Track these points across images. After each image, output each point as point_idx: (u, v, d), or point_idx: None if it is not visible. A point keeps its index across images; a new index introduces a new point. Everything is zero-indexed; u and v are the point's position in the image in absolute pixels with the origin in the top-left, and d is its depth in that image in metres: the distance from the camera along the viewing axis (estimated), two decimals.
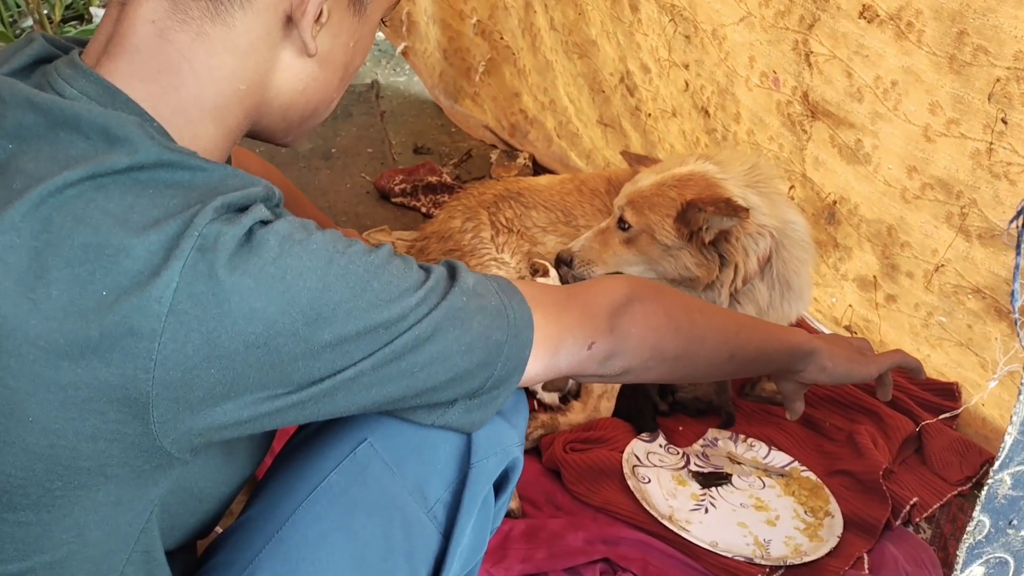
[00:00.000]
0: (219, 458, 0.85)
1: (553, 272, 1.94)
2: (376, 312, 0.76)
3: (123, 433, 0.71)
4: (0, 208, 0.69)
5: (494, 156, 2.94)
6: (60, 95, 0.76)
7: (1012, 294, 0.58)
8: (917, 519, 1.66)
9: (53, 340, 0.68)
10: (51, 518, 0.73)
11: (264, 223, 0.74)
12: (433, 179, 2.71)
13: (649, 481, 1.67)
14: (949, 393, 1.89)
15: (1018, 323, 0.60)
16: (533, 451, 1.77)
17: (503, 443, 0.97)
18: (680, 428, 1.84)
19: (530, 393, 1.85)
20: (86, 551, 0.76)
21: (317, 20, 0.82)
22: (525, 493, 1.66)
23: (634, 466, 1.69)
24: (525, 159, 2.87)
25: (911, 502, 1.64)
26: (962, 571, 0.68)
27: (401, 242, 2.38)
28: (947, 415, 1.87)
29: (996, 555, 0.69)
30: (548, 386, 1.82)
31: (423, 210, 2.63)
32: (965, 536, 0.68)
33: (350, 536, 0.90)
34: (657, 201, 1.72)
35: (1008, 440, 0.63)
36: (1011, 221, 0.59)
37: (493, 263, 1.93)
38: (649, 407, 1.87)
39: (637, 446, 1.75)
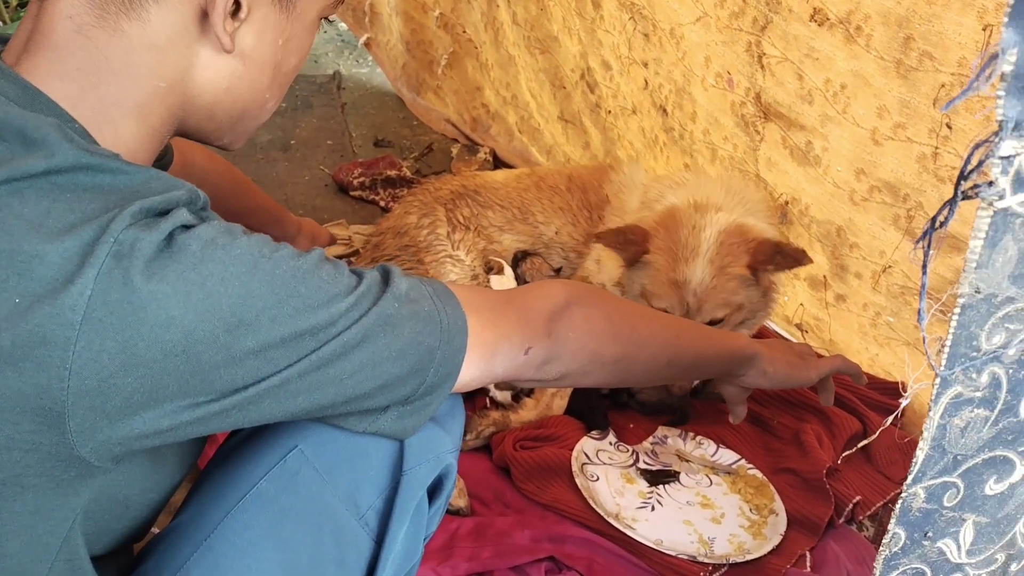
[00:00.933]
0: (145, 466, 0.84)
1: (508, 270, 1.94)
2: (302, 318, 0.76)
3: (39, 443, 0.70)
4: None
5: (455, 150, 2.93)
6: None
7: (919, 312, 0.59)
8: (861, 517, 1.69)
9: None
10: None
11: (186, 227, 0.73)
12: (392, 173, 2.70)
13: (597, 479, 1.68)
14: (895, 392, 1.92)
15: (925, 341, 0.61)
16: (484, 448, 1.78)
17: (436, 449, 0.97)
18: (631, 426, 1.85)
19: (482, 391, 1.86)
20: (5, 560, 0.75)
21: (235, 16, 0.81)
22: (474, 491, 1.67)
23: (583, 464, 1.70)
24: (486, 154, 2.87)
25: (854, 500, 1.66)
26: None
27: (358, 236, 2.37)
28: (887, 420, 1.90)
29: (913, 566, 0.71)
30: (500, 384, 1.82)
31: (382, 204, 2.62)
32: (881, 548, 0.69)
33: (279, 544, 0.90)
34: (727, 286, 1.70)
35: (920, 455, 0.65)
36: (917, 242, 0.60)
37: (448, 260, 1.93)
38: (601, 405, 1.88)
39: (587, 444, 1.76)
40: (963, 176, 0.54)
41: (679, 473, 1.72)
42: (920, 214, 1.74)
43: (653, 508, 1.63)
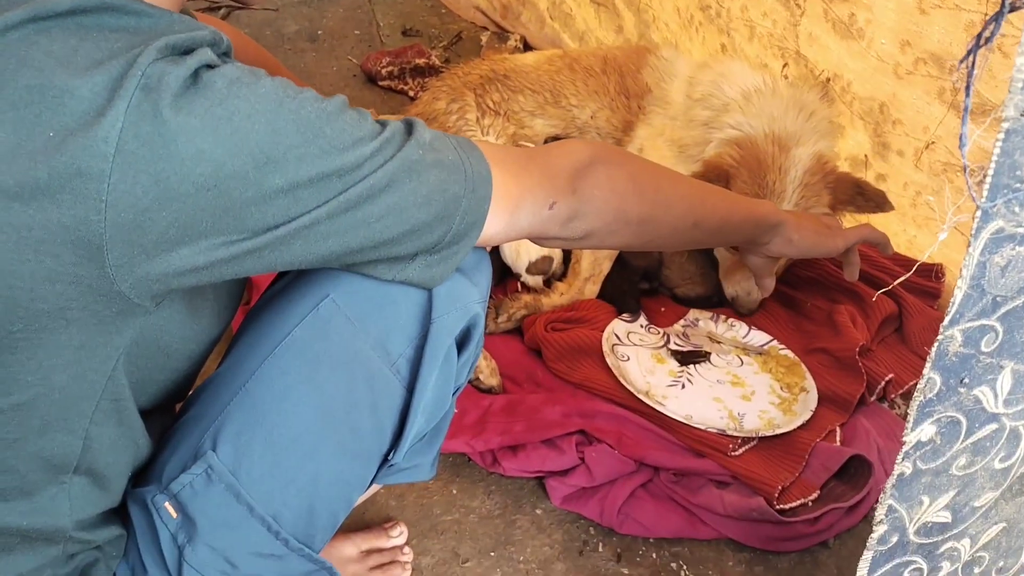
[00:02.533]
0: (184, 312, 0.85)
1: None
2: (329, 159, 0.76)
3: (80, 276, 0.71)
4: None
5: (484, 38, 2.86)
6: None
7: (960, 138, 0.57)
8: (892, 395, 1.69)
9: (2, 182, 0.67)
10: (14, 359, 0.74)
11: (210, 67, 0.73)
12: (421, 62, 2.65)
13: (628, 359, 1.69)
14: (933, 273, 1.89)
15: (967, 169, 0.58)
16: (515, 331, 1.79)
17: (464, 299, 0.97)
18: (662, 309, 1.84)
19: (514, 275, 1.86)
20: (52, 394, 0.78)
21: None
22: (506, 371, 1.68)
23: (613, 345, 1.71)
24: (516, 41, 2.80)
25: (887, 378, 1.66)
26: (912, 430, 0.69)
27: None
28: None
29: (947, 414, 0.70)
30: (532, 269, 1.82)
31: (411, 94, 2.58)
32: (916, 394, 0.68)
33: (314, 388, 0.92)
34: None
35: (958, 295, 0.63)
36: (961, 62, 0.57)
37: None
38: (634, 291, 1.87)
39: (617, 326, 1.76)
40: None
41: (710, 354, 1.72)
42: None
43: (683, 386, 1.64)
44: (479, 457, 1.54)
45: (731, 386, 1.65)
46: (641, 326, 1.79)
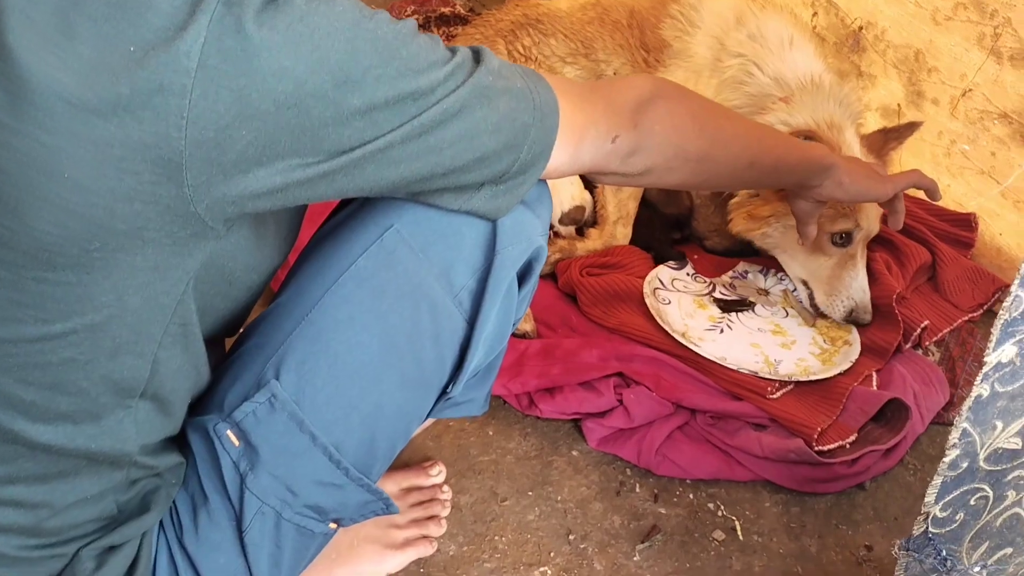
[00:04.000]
0: (251, 239, 0.85)
1: None
2: (405, 81, 0.75)
3: (158, 195, 0.71)
4: None
5: None
6: None
7: None
8: (927, 343, 1.69)
9: (84, 97, 0.66)
10: (90, 279, 0.74)
11: None
12: (447, 10, 2.62)
13: (669, 303, 1.69)
14: (966, 224, 1.89)
15: None
16: (549, 276, 1.78)
17: (527, 231, 0.97)
18: (695, 257, 1.84)
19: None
20: (125, 316, 0.78)
21: None
22: (541, 316, 1.68)
23: (655, 288, 1.71)
24: None
25: (922, 325, 1.66)
26: (994, 350, 0.69)
27: None
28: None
29: None
30: (565, 219, 1.81)
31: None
32: (1001, 312, 0.68)
33: (378, 318, 0.92)
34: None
35: None
36: None
37: None
38: (667, 237, 1.87)
39: (663, 272, 1.76)
40: None
41: (754, 304, 1.72)
42: (1008, 31, 1.66)
43: (722, 331, 1.64)
44: (515, 400, 1.54)
45: (772, 335, 1.65)
46: (688, 274, 1.78)
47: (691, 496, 1.47)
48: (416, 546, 1.31)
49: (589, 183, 1.85)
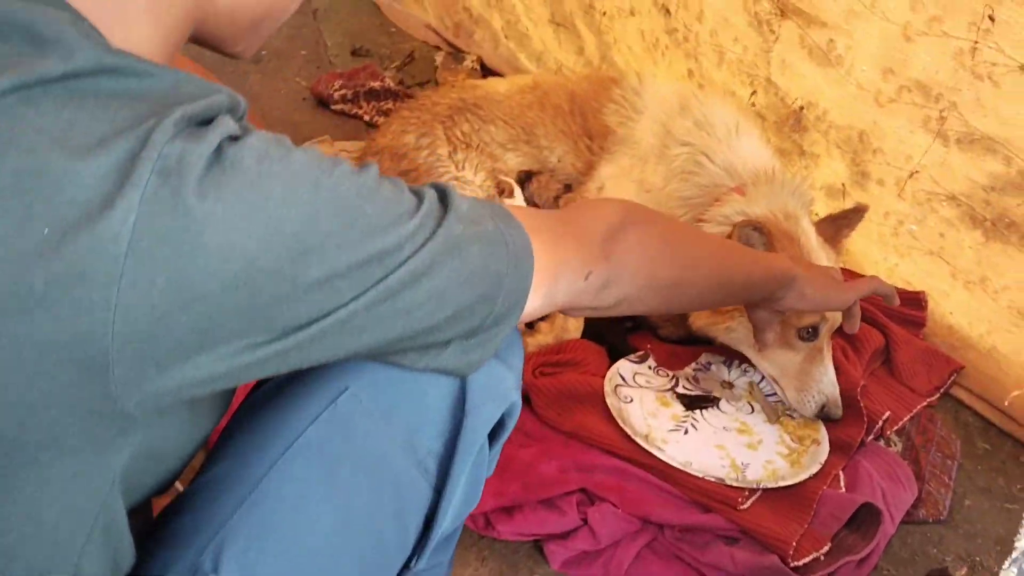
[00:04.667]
0: (184, 416, 0.73)
1: (518, 191, 1.82)
2: (370, 242, 0.65)
3: (79, 399, 0.59)
4: None
5: (439, 59, 2.77)
6: None
7: None
8: (888, 432, 1.65)
9: None
10: None
11: (233, 139, 0.61)
12: (375, 84, 2.54)
13: (631, 401, 1.61)
14: (916, 303, 1.86)
15: None
16: None
17: (500, 387, 0.87)
18: (648, 346, 1.77)
19: None
20: (41, 534, 0.66)
21: None
22: None
23: (616, 385, 1.63)
24: (473, 62, 2.72)
25: (884, 416, 1.62)
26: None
27: (345, 154, 2.23)
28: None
29: None
30: None
31: (366, 118, 2.48)
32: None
33: (333, 497, 0.81)
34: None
35: None
36: None
37: (454, 183, 1.78)
38: (619, 328, 1.81)
39: (624, 366, 1.68)
40: None
41: (719, 399, 1.65)
42: (953, 114, 1.65)
43: (686, 432, 1.56)
44: (471, 520, 1.44)
45: (737, 433, 1.58)
46: (649, 367, 1.71)
47: None
48: None
49: None
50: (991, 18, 1.53)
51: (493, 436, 0.91)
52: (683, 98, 1.79)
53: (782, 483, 1.45)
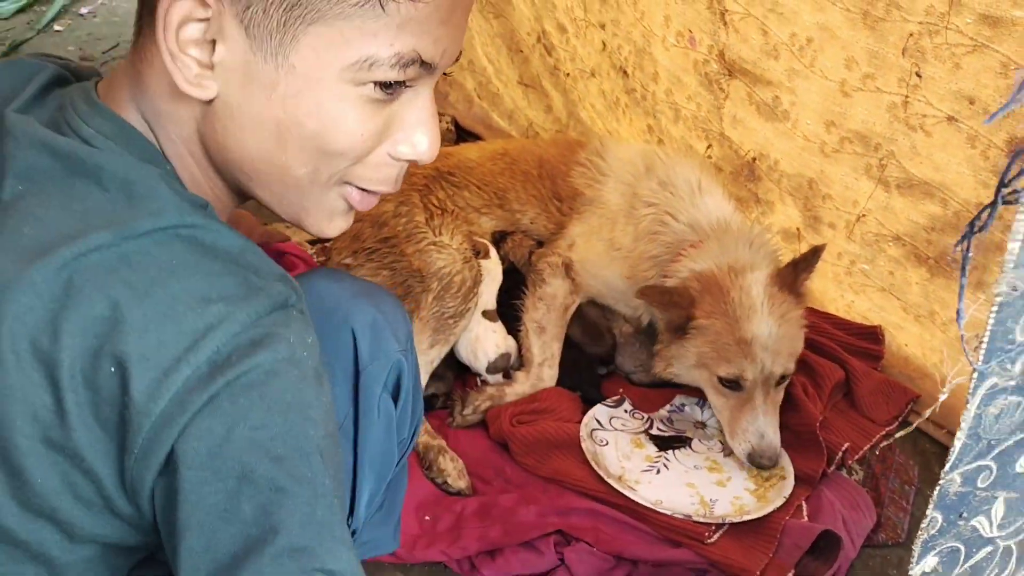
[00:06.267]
0: None
1: (493, 252, 1.92)
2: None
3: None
4: (20, 265, 0.68)
5: None
6: (77, 134, 0.76)
7: (958, 312, 0.60)
8: (849, 462, 1.74)
9: None
10: None
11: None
12: None
13: (607, 444, 1.70)
14: (873, 337, 1.97)
15: (964, 339, 0.62)
16: (480, 424, 1.79)
17: (387, 350, 1.05)
18: (620, 390, 1.87)
19: (474, 373, 1.86)
20: None
21: (206, 65, 0.76)
22: (475, 470, 1.68)
23: (592, 430, 1.73)
24: (447, 123, 2.84)
25: (844, 447, 1.71)
26: (917, 563, 0.72)
27: None
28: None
29: (948, 545, 0.73)
30: (491, 368, 1.83)
31: None
32: (920, 531, 0.71)
33: None
34: (792, 332, 1.67)
35: (957, 444, 0.67)
36: (956, 245, 0.61)
37: (432, 248, 1.85)
38: (592, 376, 1.90)
39: (600, 411, 1.78)
40: (1003, 183, 0.55)
41: (691, 439, 1.75)
42: (892, 162, 1.77)
43: (659, 471, 1.66)
44: (456, 564, 1.53)
45: (708, 472, 1.67)
46: (626, 411, 1.81)
47: None
48: None
49: (512, 328, 1.88)
50: (918, 75, 1.65)
51: (397, 399, 1.07)
52: (648, 159, 1.90)
53: (747, 517, 1.54)
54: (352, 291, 1.09)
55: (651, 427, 1.78)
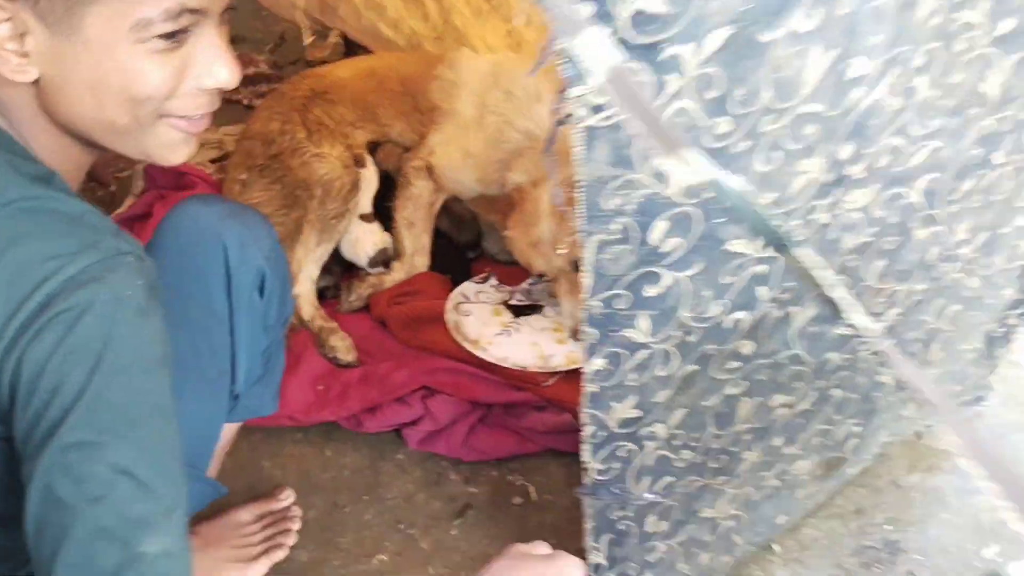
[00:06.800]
0: None
1: (369, 161, 2.19)
2: None
3: None
4: None
5: (307, 38, 3.09)
6: None
7: (554, 195, 0.89)
8: None
9: None
10: None
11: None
12: (251, 71, 2.87)
13: (470, 315, 2.03)
14: None
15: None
16: (364, 309, 2.11)
17: (251, 259, 1.31)
18: (488, 269, 2.19)
19: (357, 267, 2.17)
20: None
21: (23, 55, 0.94)
22: (361, 345, 2.01)
23: (458, 303, 2.05)
24: (336, 37, 3.04)
25: None
26: (588, 363, 1.05)
27: (228, 137, 2.58)
28: None
29: (609, 350, 1.05)
30: (372, 263, 2.12)
31: (244, 102, 2.81)
32: (582, 338, 1.03)
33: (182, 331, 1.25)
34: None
35: (587, 281, 0.97)
36: (545, 154, 0.89)
37: (314, 159, 2.10)
38: (463, 261, 2.22)
39: (467, 286, 2.10)
40: (561, 119, 0.83)
41: (543, 306, 2.08)
42: None
43: (510, 334, 1.99)
44: (344, 422, 1.87)
45: (551, 333, 2.00)
46: (492, 286, 2.12)
47: (495, 473, 1.83)
48: (270, 555, 1.63)
49: (388, 224, 2.18)
50: None
51: (263, 291, 1.35)
52: (496, 69, 2.13)
53: (574, 366, 1.89)
54: (222, 213, 1.34)
55: (511, 298, 2.11)
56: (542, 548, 1.22)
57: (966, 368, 1.71)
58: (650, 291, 1.04)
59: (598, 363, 1.07)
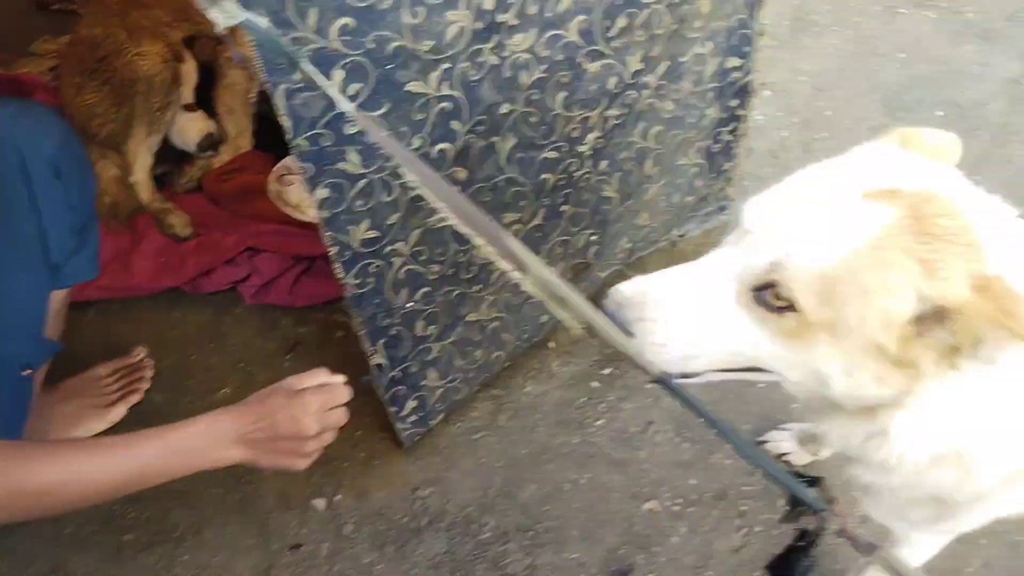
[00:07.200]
0: None
1: (188, 54, 2.39)
2: None
3: None
4: None
5: None
6: None
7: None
8: None
9: None
10: None
11: None
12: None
13: (292, 184, 2.29)
14: None
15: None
16: (197, 188, 2.37)
17: (36, 142, 1.54)
18: None
19: (188, 155, 2.40)
20: None
21: None
22: (199, 220, 2.26)
23: (281, 175, 2.31)
24: None
25: None
26: (312, 193, 1.34)
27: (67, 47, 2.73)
28: None
29: (330, 181, 1.34)
30: (199, 148, 2.35)
31: (80, 11, 2.94)
32: (304, 180, 1.32)
33: None
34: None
35: (285, 123, 1.25)
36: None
37: (137, 58, 2.29)
38: (284, 136, 2.46)
39: (290, 160, 2.35)
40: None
41: None
42: None
43: None
44: (186, 287, 2.15)
45: None
46: None
47: (321, 315, 2.14)
48: (127, 399, 1.93)
49: (211, 112, 2.40)
50: None
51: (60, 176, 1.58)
52: None
53: None
54: (13, 112, 1.56)
55: None
56: (317, 377, 1.34)
57: (693, 181, 2.05)
58: (350, 128, 1.32)
59: (323, 192, 1.36)
